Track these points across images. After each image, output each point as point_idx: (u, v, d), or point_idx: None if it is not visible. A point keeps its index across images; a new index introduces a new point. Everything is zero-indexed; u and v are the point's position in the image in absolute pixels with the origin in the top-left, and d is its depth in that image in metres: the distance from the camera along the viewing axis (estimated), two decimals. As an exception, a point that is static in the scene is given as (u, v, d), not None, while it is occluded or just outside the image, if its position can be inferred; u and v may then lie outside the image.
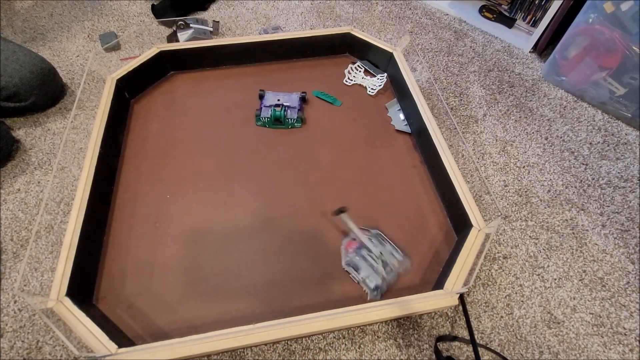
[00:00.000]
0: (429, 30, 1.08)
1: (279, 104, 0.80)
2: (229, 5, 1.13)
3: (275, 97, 0.82)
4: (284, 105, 0.80)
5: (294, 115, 0.80)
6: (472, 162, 0.79)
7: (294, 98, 0.82)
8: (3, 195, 0.72)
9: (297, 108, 0.81)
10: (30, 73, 0.78)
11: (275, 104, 0.80)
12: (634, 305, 0.63)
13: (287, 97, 0.82)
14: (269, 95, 0.83)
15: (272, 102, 0.81)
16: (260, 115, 0.80)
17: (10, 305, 0.60)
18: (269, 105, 0.81)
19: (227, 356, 0.57)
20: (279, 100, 0.81)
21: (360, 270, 0.61)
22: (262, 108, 0.81)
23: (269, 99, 0.82)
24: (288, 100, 0.81)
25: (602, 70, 0.84)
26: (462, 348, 0.58)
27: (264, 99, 0.83)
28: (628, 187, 0.77)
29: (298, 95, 0.83)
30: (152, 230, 0.67)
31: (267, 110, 0.80)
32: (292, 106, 0.80)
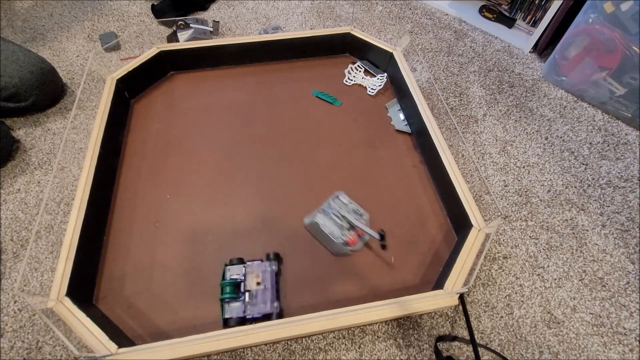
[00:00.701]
0: (429, 30, 1.08)
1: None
2: (229, 5, 1.13)
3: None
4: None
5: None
6: (472, 162, 0.79)
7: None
8: (3, 195, 0.72)
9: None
10: (30, 73, 0.78)
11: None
12: (634, 305, 0.63)
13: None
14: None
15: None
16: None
17: (10, 305, 0.60)
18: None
19: (227, 356, 0.57)
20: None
21: (325, 227, 0.63)
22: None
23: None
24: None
25: (602, 70, 0.84)
26: (462, 348, 0.58)
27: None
28: (628, 187, 0.77)
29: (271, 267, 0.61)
30: (152, 230, 0.67)
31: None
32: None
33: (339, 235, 0.63)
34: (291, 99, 0.88)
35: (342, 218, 0.64)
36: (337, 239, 0.62)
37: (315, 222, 0.63)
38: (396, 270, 0.64)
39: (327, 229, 0.63)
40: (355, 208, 0.67)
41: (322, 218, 0.64)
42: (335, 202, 0.67)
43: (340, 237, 0.62)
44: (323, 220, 0.64)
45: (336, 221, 0.64)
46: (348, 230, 0.64)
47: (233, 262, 0.61)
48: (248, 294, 0.58)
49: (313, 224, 0.64)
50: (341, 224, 0.64)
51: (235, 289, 0.58)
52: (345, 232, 0.63)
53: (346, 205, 0.67)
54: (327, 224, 0.63)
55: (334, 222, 0.64)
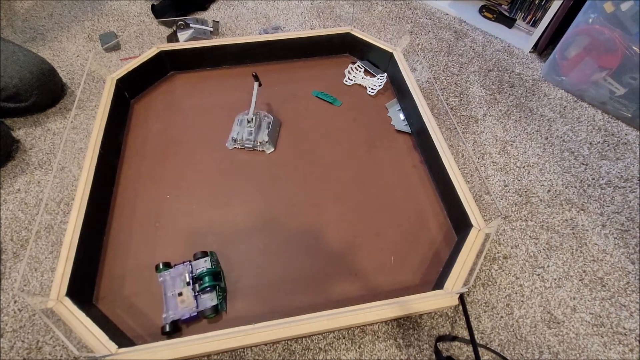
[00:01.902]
0: (429, 30, 1.08)
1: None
2: (229, 5, 1.13)
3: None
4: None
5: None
6: (472, 162, 0.79)
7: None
8: (3, 195, 0.72)
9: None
10: (30, 73, 0.78)
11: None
12: (634, 305, 0.63)
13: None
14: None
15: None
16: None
17: (10, 305, 0.60)
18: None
19: (227, 356, 0.57)
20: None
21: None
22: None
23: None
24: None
25: (602, 70, 0.84)
26: (462, 348, 0.58)
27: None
28: (628, 187, 0.77)
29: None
30: (152, 230, 0.67)
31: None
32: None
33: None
34: (291, 99, 0.88)
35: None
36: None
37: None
38: (396, 270, 0.64)
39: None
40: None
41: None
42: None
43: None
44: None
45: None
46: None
47: (197, 257, 0.61)
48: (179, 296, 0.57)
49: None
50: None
51: (215, 278, 0.59)
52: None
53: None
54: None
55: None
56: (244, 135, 0.77)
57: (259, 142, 0.76)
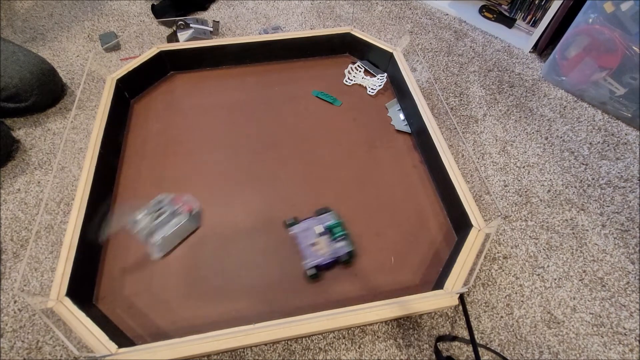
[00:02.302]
0: (429, 30, 1.08)
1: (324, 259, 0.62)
2: (229, 5, 1.13)
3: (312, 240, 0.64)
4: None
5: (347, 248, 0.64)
6: (472, 162, 0.79)
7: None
8: (3, 195, 0.72)
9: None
10: (30, 73, 0.78)
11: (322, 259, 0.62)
12: (634, 305, 0.63)
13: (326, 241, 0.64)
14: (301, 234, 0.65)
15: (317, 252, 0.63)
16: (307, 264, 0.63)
17: (10, 305, 0.60)
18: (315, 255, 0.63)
19: (227, 356, 0.57)
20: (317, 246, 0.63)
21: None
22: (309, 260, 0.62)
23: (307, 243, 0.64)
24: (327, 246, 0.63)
25: (602, 70, 0.84)
26: (462, 348, 0.58)
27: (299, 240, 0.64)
28: (628, 187, 0.77)
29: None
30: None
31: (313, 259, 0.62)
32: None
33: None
34: (291, 99, 0.88)
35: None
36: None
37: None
38: (396, 270, 0.64)
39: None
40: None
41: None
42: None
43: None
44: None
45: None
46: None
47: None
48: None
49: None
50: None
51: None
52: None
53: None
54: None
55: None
56: (143, 223, 0.63)
57: (151, 241, 0.62)
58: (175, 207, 0.65)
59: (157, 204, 0.65)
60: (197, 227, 0.68)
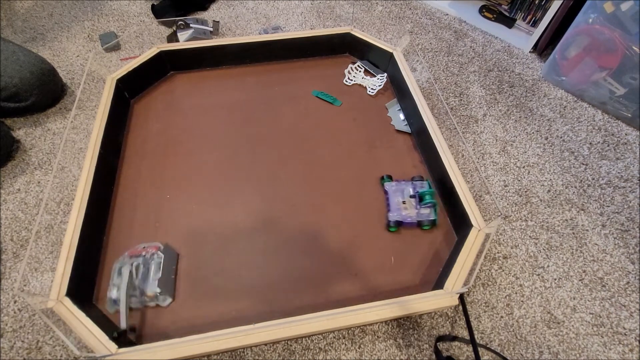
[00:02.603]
0: (429, 30, 1.08)
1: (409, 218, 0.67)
2: (229, 5, 1.13)
3: (401, 200, 0.69)
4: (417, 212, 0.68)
5: (432, 216, 0.68)
6: (472, 162, 0.79)
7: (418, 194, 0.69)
8: (3, 195, 0.72)
9: (431, 205, 0.68)
10: (30, 73, 0.78)
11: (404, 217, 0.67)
12: (634, 305, 0.63)
13: (413, 199, 0.69)
14: (393, 193, 0.70)
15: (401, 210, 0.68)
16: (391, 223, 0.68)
17: (10, 305, 0.60)
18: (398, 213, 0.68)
19: (227, 356, 0.57)
20: (405, 206, 0.68)
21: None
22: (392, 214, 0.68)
23: (394, 201, 0.69)
24: (415, 202, 0.68)
25: (602, 70, 0.84)
26: (462, 348, 0.58)
27: (388, 196, 0.70)
28: (628, 187, 0.77)
29: (417, 188, 0.70)
30: (152, 230, 0.67)
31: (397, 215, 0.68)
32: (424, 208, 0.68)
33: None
34: (291, 99, 0.88)
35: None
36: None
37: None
38: (396, 270, 0.64)
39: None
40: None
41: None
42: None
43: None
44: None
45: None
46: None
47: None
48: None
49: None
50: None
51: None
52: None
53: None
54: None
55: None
56: (127, 292, 0.56)
57: (148, 296, 0.57)
58: (140, 258, 0.59)
59: (119, 272, 0.58)
60: (177, 255, 0.64)
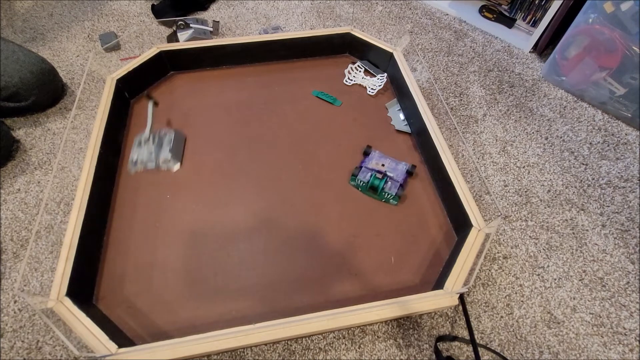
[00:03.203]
0: (429, 30, 1.08)
1: (381, 172, 0.72)
2: (229, 5, 1.13)
3: (380, 162, 0.74)
4: (387, 174, 0.72)
5: (393, 190, 0.70)
6: (472, 162, 0.79)
7: (401, 170, 0.73)
8: (3, 195, 0.72)
9: (400, 183, 0.71)
10: (30, 73, 0.78)
11: (377, 170, 0.72)
12: (634, 305, 0.63)
13: (393, 165, 0.73)
14: (374, 155, 0.75)
15: (375, 167, 0.73)
16: (357, 177, 0.72)
17: (10, 305, 0.60)
18: (370, 168, 0.73)
19: (227, 356, 0.57)
20: (383, 166, 0.73)
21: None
22: (362, 168, 0.73)
23: (373, 160, 0.74)
24: (393, 170, 0.72)
25: (602, 70, 0.84)
26: (462, 348, 0.58)
27: (367, 157, 0.75)
28: (628, 187, 0.77)
29: (405, 168, 0.73)
30: (152, 231, 0.67)
31: (366, 173, 0.72)
32: (395, 179, 0.71)
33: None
34: (291, 99, 0.88)
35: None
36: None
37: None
38: (396, 270, 0.64)
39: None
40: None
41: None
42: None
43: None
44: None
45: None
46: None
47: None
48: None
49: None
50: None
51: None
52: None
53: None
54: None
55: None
56: (144, 157, 0.74)
57: (162, 160, 0.74)
58: (157, 133, 0.77)
59: (138, 143, 0.76)
60: (185, 138, 0.79)
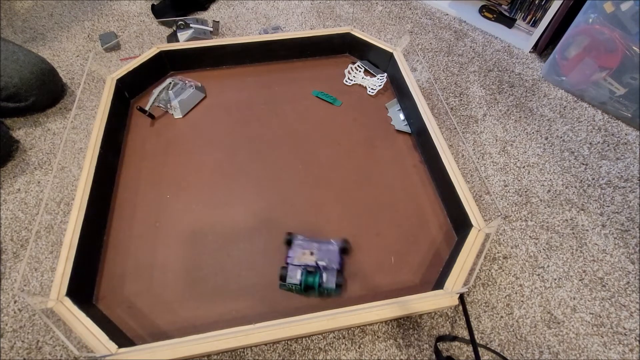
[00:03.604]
0: (429, 30, 1.08)
1: (311, 265, 0.60)
2: (229, 5, 1.13)
3: (307, 249, 0.61)
4: (319, 265, 0.60)
5: (332, 281, 0.59)
6: (472, 162, 0.79)
7: (333, 252, 0.61)
8: (3, 195, 0.72)
9: (337, 269, 0.60)
10: (30, 73, 0.78)
11: (306, 264, 0.60)
12: (634, 305, 0.63)
13: (324, 249, 0.62)
14: (298, 243, 0.63)
15: (303, 259, 0.61)
16: (287, 278, 0.59)
17: (10, 305, 0.60)
18: (297, 264, 0.60)
19: (227, 356, 0.57)
20: (312, 255, 0.61)
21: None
22: (289, 267, 0.60)
23: (299, 251, 0.62)
24: (325, 255, 0.61)
25: (602, 70, 0.84)
26: (462, 348, 0.58)
27: (290, 249, 0.62)
28: (628, 187, 0.77)
29: (337, 247, 0.62)
30: (152, 230, 0.67)
31: (295, 271, 0.60)
32: (330, 267, 0.60)
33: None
34: (291, 99, 0.88)
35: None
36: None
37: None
38: (396, 270, 0.64)
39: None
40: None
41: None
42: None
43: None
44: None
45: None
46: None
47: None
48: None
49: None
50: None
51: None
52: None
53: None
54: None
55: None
56: (162, 95, 0.81)
57: (171, 105, 0.81)
58: (183, 83, 0.82)
59: (168, 84, 0.82)
60: (204, 96, 0.85)
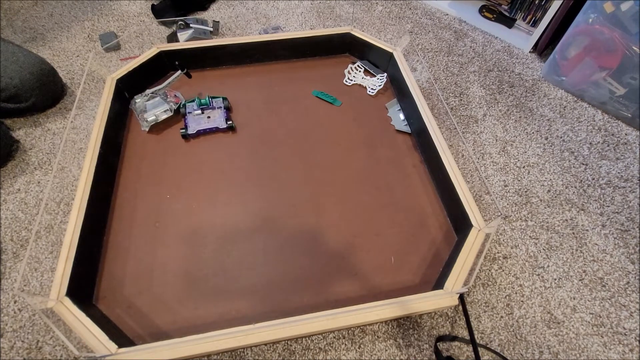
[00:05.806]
0: (429, 30, 1.08)
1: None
2: (229, 5, 1.13)
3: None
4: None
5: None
6: (472, 162, 0.79)
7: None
8: (3, 195, 0.72)
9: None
10: (30, 74, 0.78)
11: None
12: (634, 305, 0.63)
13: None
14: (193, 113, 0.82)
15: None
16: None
17: (10, 305, 0.60)
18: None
19: (227, 356, 0.57)
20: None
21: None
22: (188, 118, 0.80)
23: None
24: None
25: (602, 70, 0.84)
26: (462, 348, 0.58)
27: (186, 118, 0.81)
28: (628, 187, 0.77)
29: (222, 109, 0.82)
30: (152, 230, 0.67)
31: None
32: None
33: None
34: (291, 99, 0.88)
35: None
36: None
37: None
38: (396, 270, 0.64)
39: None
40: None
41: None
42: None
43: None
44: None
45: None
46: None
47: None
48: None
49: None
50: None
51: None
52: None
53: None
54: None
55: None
56: (139, 102, 0.81)
57: (145, 117, 0.80)
58: (166, 96, 0.81)
59: (153, 92, 0.81)
60: (172, 115, 0.83)
